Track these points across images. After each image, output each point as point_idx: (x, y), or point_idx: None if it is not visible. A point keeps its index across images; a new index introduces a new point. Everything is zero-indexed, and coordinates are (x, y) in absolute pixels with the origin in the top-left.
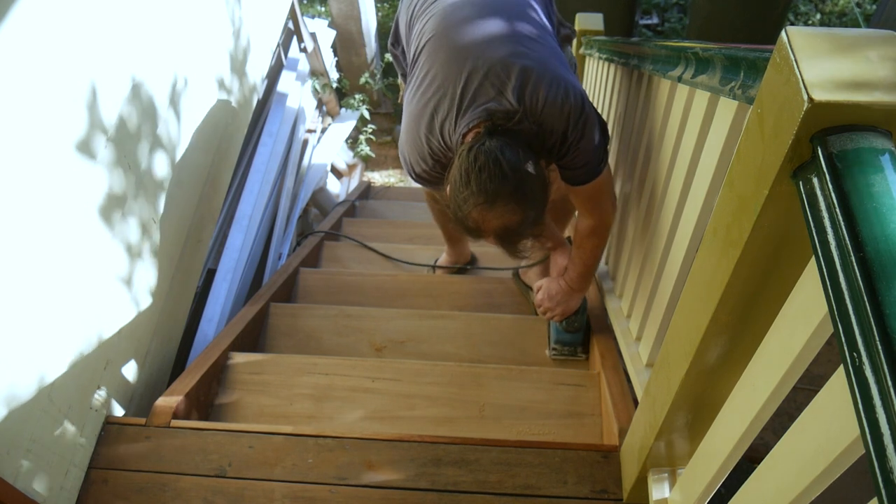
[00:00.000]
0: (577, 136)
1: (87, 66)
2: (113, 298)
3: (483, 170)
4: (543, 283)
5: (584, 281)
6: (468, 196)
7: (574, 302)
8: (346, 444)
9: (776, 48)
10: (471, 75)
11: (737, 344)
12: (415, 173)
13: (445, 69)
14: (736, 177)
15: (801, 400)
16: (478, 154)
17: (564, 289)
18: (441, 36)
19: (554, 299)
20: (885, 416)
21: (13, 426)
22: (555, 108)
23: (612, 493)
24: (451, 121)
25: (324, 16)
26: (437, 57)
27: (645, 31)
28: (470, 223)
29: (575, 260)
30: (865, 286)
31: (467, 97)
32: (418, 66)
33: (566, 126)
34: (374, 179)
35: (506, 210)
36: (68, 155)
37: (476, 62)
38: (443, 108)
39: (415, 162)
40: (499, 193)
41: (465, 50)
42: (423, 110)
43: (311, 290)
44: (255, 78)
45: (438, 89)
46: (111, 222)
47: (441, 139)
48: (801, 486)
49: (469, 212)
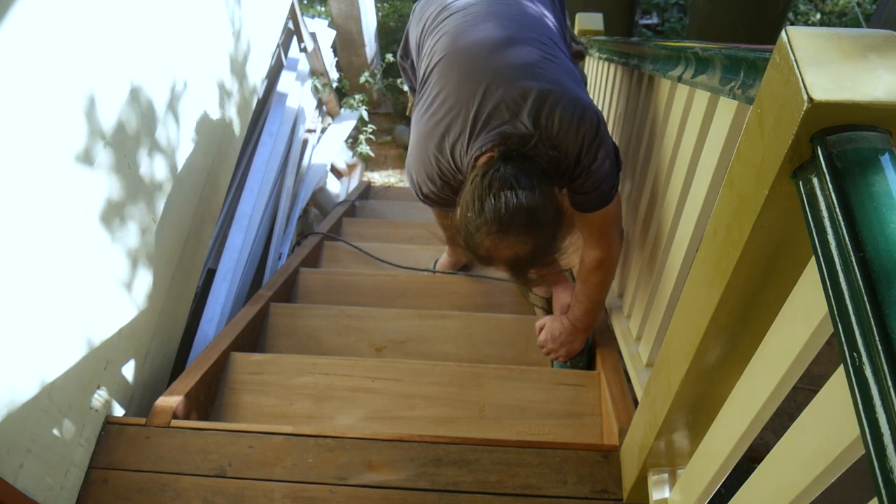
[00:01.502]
0: (591, 158)
1: (87, 68)
2: (113, 298)
3: (497, 198)
4: (546, 322)
5: (590, 319)
6: (481, 224)
7: (578, 343)
8: (346, 444)
9: (776, 48)
10: (485, 97)
11: (737, 344)
12: (422, 193)
13: (458, 90)
14: (736, 177)
15: (801, 400)
16: (492, 181)
17: (568, 328)
18: (453, 55)
19: (557, 340)
20: (885, 416)
21: (13, 426)
22: (570, 129)
23: (612, 493)
24: (464, 143)
25: (324, 16)
26: (449, 77)
27: (645, 31)
28: (481, 251)
29: (580, 297)
30: (865, 286)
31: (481, 119)
32: (429, 85)
33: (580, 148)
34: (374, 179)
35: (518, 240)
36: (68, 156)
37: (490, 84)
38: (455, 129)
39: (422, 182)
40: (512, 223)
41: (479, 71)
42: (433, 130)
43: (311, 290)
44: (255, 78)
45: (451, 110)
46: (111, 223)
47: (451, 160)
48: (801, 486)
49: (481, 240)
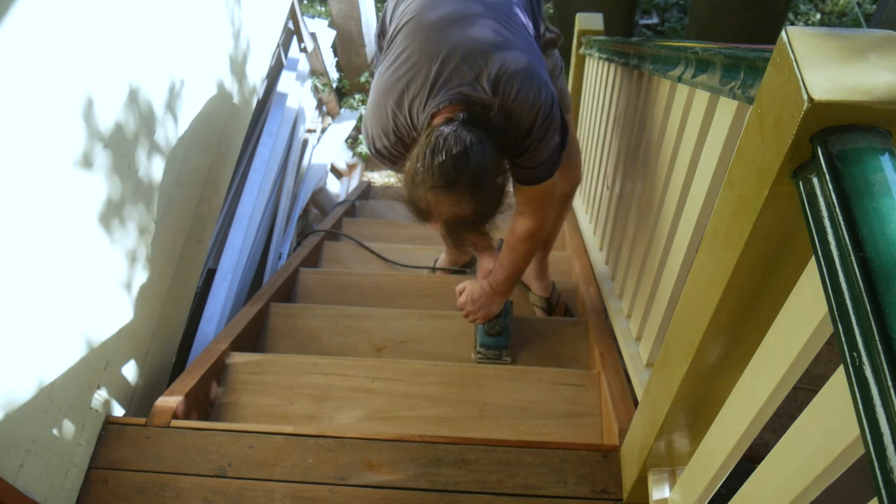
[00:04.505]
0: (541, 135)
1: (87, 68)
2: (113, 298)
3: (448, 153)
4: (466, 284)
5: (509, 285)
6: (427, 177)
7: (496, 306)
8: (347, 444)
9: (776, 48)
10: (448, 56)
11: (737, 344)
12: (374, 148)
13: (422, 48)
14: (736, 177)
15: (801, 400)
16: (447, 137)
17: (487, 291)
18: (421, 17)
19: (477, 303)
20: (885, 416)
21: (13, 426)
22: (525, 102)
23: (612, 493)
24: (422, 99)
25: (324, 16)
26: (415, 36)
27: (645, 31)
28: (421, 203)
29: (504, 263)
30: (865, 286)
31: (441, 77)
32: (395, 43)
33: (533, 123)
34: (374, 179)
35: (460, 199)
36: (68, 156)
37: (455, 45)
38: (415, 84)
39: (377, 136)
40: (458, 181)
41: (445, 32)
42: (393, 86)
43: (311, 290)
44: (255, 78)
45: (413, 67)
46: (111, 223)
47: (408, 116)
48: (801, 485)
49: (424, 192)
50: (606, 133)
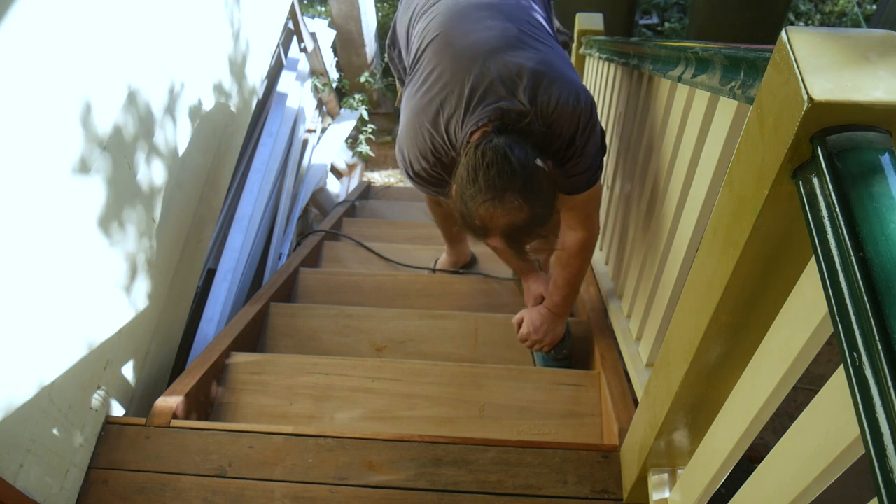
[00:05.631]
0: (584, 140)
1: (86, 69)
2: (113, 299)
3: (491, 166)
4: (524, 315)
5: (568, 305)
6: (475, 193)
7: (560, 329)
8: (347, 444)
9: (776, 48)
10: (481, 73)
11: (737, 344)
12: (413, 171)
13: (454, 66)
14: (736, 177)
15: (801, 400)
16: (486, 150)
17: (548, 317)
18: (447, 34)
19: (540, 330)
20: (885, 416)
21: (13, 426)
22: (566, 110)
23: (612, 493)
24: (459, 118)
25: (324, 16)
26: (443, 54)
27: (645, 31)
28: (476, 221)
29: (559, 282)
30: (865, 286)
31: (477, 95)
32: (422, 63)
33: (575, 129)
34: (374, 179)
35: (513, 207)
36: (67, 157)
37: (487, 61)
38: (450, 104)
39: (414, 159)
40: (507, 189)
41: (475, 48)
42: (427, 106)
43: (311, 290)
44: (255, 78)
45: (446, 86)
46: (111, 223)
47: (445, 136)
48: (801, 486)
49: (476, 209)
50: (606, 133)
